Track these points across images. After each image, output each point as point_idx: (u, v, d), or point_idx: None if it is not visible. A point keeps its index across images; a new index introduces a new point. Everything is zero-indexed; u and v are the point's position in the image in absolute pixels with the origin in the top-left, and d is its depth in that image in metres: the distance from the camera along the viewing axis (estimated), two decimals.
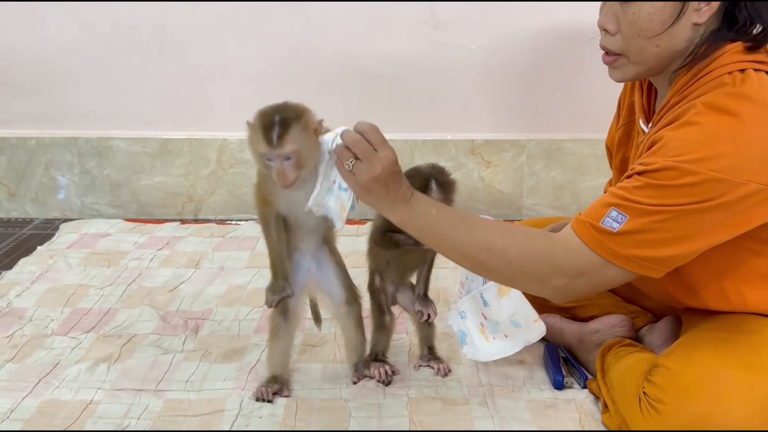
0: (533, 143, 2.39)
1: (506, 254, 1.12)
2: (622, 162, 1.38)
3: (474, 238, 1.14)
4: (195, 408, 1.34)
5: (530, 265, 1.13)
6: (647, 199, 1.06)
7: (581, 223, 1.11)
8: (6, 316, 1.70)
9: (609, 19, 1.17)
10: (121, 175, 2.42)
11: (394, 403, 1.36)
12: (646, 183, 1.07)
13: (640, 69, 1.19)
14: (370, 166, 1.10)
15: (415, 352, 1.52)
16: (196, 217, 2.46)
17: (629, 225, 1.07)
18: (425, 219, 1.15)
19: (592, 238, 1.09)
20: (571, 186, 2.40)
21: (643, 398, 1.17)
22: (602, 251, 1.09)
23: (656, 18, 1.12)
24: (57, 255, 2.07)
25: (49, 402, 1.36)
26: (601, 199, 1.12)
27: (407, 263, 1.43)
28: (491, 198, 2.42)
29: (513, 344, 1.36)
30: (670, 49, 1.15)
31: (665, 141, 1.09)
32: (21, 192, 2.44)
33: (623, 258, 1.08)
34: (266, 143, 1.14)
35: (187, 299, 1.80)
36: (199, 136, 2.40)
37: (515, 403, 1.35)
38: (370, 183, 1.11)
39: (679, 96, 1.14)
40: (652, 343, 1.41)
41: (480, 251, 1.13)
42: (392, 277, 1.44)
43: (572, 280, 1.12)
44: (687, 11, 1.11)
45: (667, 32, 1.12)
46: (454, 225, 1.14)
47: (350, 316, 1.40)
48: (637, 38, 1.15)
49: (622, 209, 1.08)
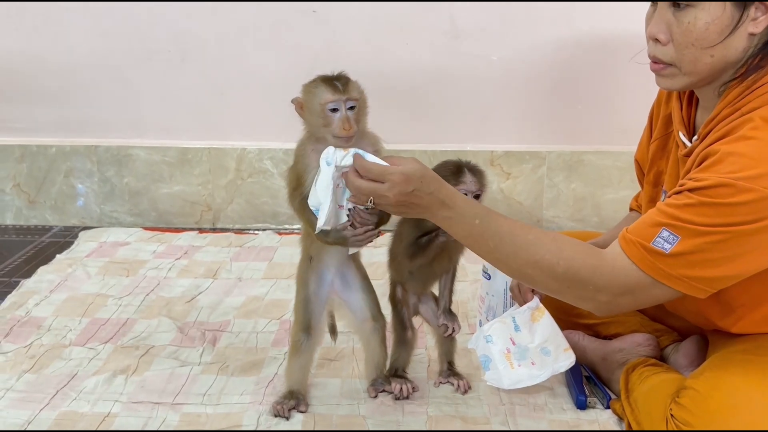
0: (554, 155, 2.36)
1: (553, 270, 1.10)
2: (656, 176, 1.35)
3: (520, 251, 1.12)
4: (212, 422, 1.33)
5: (577, 282, 1.11)
6: (700, 218, 1.03)
7: (630, 242, 1.09)
8: (25, 326, 1.70)
9: (660, 29, 1.14)
10: (141, 184, 2.43)
11: (413, 420, 1.34)
12: (698, 201, 1.04)
13: (691, 79, 1.15)
14: (383, 199, 1.10)
15: (434, 367, 1.50)
16: (215, 226, 2.45)
17: (681, 246, 1.04)
18: (469, 228, 1.12)
19: (643, 258, 1.07)
20: (592, 198, 2.37)
21: (671, 420, 1.14)
22: (652, 272, 1.07)
23: (713, 28, 1.09)
24: (76, 263, 2.07)
25: (66, 414, 1.36)
26: (650, 217, 1.09)
27: (433, 271, 1.39)
28: (510, 210, 2.39)
29: (539, 373, 1.30)
30: (724, 59, 1.12)
31: (719, 156, 1.06)
32: (41, 199, 2.45)
33: (673, 278, 1.06)
34: (332, 90, 1.19)
35: (204, 310, 1.79)
36: (218, 145, 2.40)
37: (537, 423, 1.33)
38: (395, 208, 1.12)
39: (731, 108, 1.11)
40: (678, 363, 1.38)
41: (526, 265, 1.12)
42: (414, 287, 1.42)
43: (618, 297, 1.10)
44: (744, 21, 1.08)
45: (723, 42, 1.10)
46: (500, 237, 1.12)
47: (376, 332, 1.38)
48: (692, 48, 1.11)
49: (674, 229, 1.05)
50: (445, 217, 1.12)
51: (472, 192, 1.27)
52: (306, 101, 1.23)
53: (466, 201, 1.15)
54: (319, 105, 1.20)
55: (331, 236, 1.22)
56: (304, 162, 1.24)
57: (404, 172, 1.09)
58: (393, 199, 1.09)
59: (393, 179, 1.09)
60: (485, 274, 1.52)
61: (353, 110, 1.20)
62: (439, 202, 1.11)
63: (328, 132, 1.20)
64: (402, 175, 1.09)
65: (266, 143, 2.38)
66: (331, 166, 1.15)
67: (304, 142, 1.27)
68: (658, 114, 1.36)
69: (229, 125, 2.40)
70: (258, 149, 2.39)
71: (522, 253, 1.12)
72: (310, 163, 1.23)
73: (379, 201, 1.11)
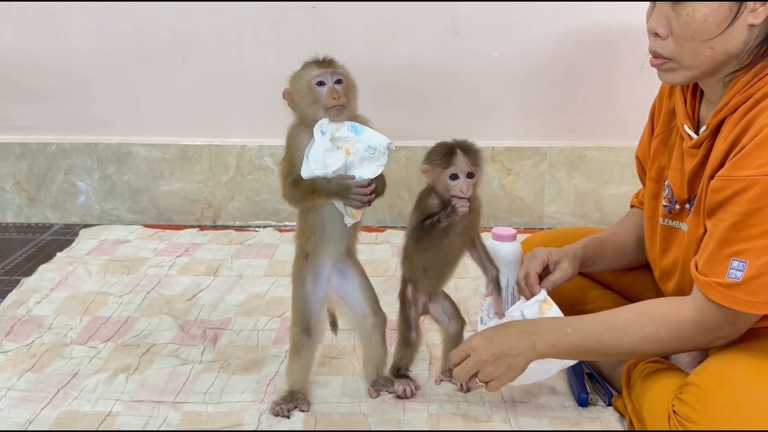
0: (555, 150, 2.36)
1: (658, 338, 1.17)
2: (658, 172, 1.35)
3: (623, 338, 1.19)
4: (213, 421, 1.33)
5: (683, 337, 1.17)
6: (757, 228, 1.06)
7: (708, 285, 1.11)
8: (26, 324, 1.70)
9: (660, 23, 1.14)
10: (141, 181, 2.42)
11: (415, 419, 1.34)
12: (745, 211, 1.06)
13: (693, 72, 1.15)
14: (482, 365, 1.22)
15: (435, 365, 1.50)
16: (215, 224, 2.45)
17: (751, 271, 1.07)
18: (567, 340, 1.20)
19: (725, 297, 1.10)
20: (594, 194, 2.37)
21: (673, 417, 1.14)
22: (738, 305, 1.10)
23: (711, 20, 1.09)
24: (76, 262, 2.07)
25: (67, 413, 1.36)
26: (714, 249, 1.11)
27: (447, 258, 1.35)
28: (512, 206, 2.39)
29: (549, 368, 1.29)
30: (724, 51, 1.11)
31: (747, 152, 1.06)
32: (41, 197, 2.45)
33: (760, 305, 1.09)
34: (316, 65, 1.23)
35: (205, 308, 1.79)
36: (219, 142, 2.39)
37: (539, 421, 1.32)
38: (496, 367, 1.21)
39: (742, 95, 1.11)
40: (680, 360, 1.37)
41: (634, 346, 1.19)
42: (427, 285, 1.39)
43: (717, 334, 1.16)
44: (743, 12, 1.08)
45: (722, 35, 1.10)
46: (597, 334, 1.20)
47: (377, 328, 1.37)
48: (691, 41, 1.11)
49: (740, 256, 1.08)
50: (542, 342, 1.20)
51: (464, 172, 1.26)
52: (294, 86, 1.25)
53: (547, 320, 1.26)
54: (306, 82, 1.22)
55: (333, 183, 1.21)
56: (297, 142, 1.25)
57: (473, 336, 1.25)
58: (487, 358, 1.21)
59: (470, 344, 1.23)
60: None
61: (340, 84, 1.23)
62: (524, 333, 1.22)
63: (318, 109, 1.22)
64: (472, 338, 1.25)
65: (266, 140, 2.38)
66: (327, 135, 1.18)
67: (294, 126, 1.27)
68: (660, 110, 1.36)
69: (229, 122, 2.39)
70: (258, 146, 2.38)
71: (625, 339, 1.18)
72: (302, 142, 1.24)
73: (483, 370, 1.22)
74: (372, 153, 1.23)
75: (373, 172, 1.23)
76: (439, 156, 1.27)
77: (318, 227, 1.29)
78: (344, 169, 1.22)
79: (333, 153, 1.21)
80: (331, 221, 1.29)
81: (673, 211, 1.28)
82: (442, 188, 1.28)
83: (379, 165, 1.23)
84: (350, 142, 1.23)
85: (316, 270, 1.34)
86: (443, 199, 1.29)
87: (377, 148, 1.23)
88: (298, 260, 1.35)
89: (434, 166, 1.27)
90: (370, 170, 1.23)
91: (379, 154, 1.23)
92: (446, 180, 1.26)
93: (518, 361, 1.21)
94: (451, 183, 1.26)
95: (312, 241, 1.30)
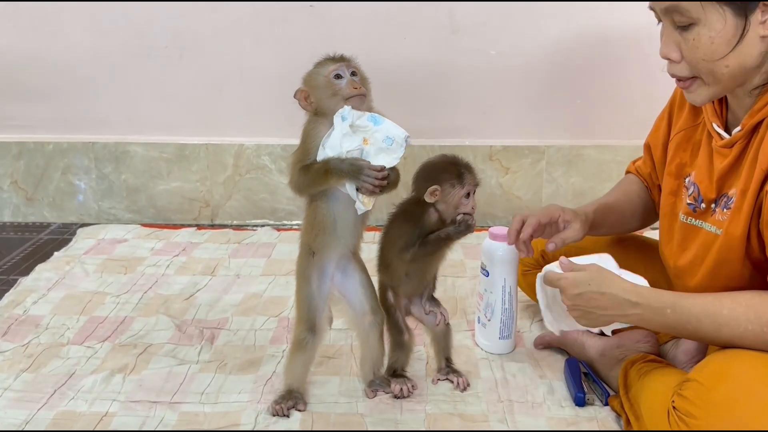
0: (553, 149, 2.35)
1: (760, 338, 1.12)
2: (678, 168, 1.33)
3: (723, 329, 1.14)
4: (210, 422, 1.33)
5: None
6: None
7: None
8: (23, 324, 1.70)
9: (670, 48, 1.15)
10: (138, 180, 2.42)
11: (412, 419, 1.33)
12: None
13: (717, 89, 1.15)
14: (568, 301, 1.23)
15: (432, 365, 1.50)
16: (213, 223, 2.45)
17: None
18: (663, 319, 1.18)
19: None
20: (592, 193, 2.36)
21: (673, 412, 1.13)
22: None
23: (719, 40, 1.09)
24: (74, 261, 2.07)
25: (64, 414, 1.35)
26: None
27: (432, 267, 1.40)
28: (509, 205, 2.39)
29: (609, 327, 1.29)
30: (741, 66, 1.12)
31: None
32: (38, 196, 2.45)
33: None
34: (332, 60, 1.25)
35: (203, 308, 1.79)
36: (216, 141, 2.39)
37: (535, 421, 1.32)
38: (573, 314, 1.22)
39: None
40: (677, 359, 1.38)
41: (732, 339, 1.14)
42: (407, 290, 1.41)
43: None
44: (751, 27, 1.08)
45: (733, 51, 1.10)
46: (697, 319, 1.15)
47: (374, 327, 1.36)
48: (703, 63, 1.12)
49: None
50: (635, 314, 1.18)
51: (473, 189, 1.33)
52: (310, 84, 1.26)
53: (651, 292, 1.19)
54: (324, 77, 1.24)
55: (346, 163, 1.21)
56: (314, 132, 1.25)
57: (568, 276, 1.21)
58: (568, 303, 1.20)
59: (561, 284, 1.22)
60: (483, 271, 1.52)
61: (355, 77, 1.24)
62: (622, 301, 1.18)
63: (339, 100, 1.23)
64: (566, 279, 1.21)
65: (264, 139, 2.37)
66: (347, 121, 1.20)
67: (312, 119, 1.27)
68: (683, 104, 1.34)
69: (226, 121, 2.39)
70: (256, 145, 2.38)
71: (724, 330, 1.14)
72: (320, 132, 1.24)
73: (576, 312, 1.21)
74: (389, 144, 1.23)
75: (388, 163, 1.23)
76: (451, 176, 1.31)
77: (329, 224, 1.28)
78: (359, 154, 1.22)
79: (350, 137, 1.21)
80: (342, 218, 1.28)
81: (697, 209, 1.26)
82: (451, 206, 1.32)
83: (395, 157, 1.23)
84: (369, 131, 1.23)
85: (322, 267, 1.33)
86: (444, 216, 1.33)
87: (395, 140, 1.23)
88: (303, 257, 1.34)
89: (448, 187, 1.31)
90: (385, 161, 1.23)
91: (397, 146, 1.23)
92: (460, 199, 1.31)
93: (601, 321, 1.22)
94: (465, 201, 1.32)
95: (321, 238, 1.29)
